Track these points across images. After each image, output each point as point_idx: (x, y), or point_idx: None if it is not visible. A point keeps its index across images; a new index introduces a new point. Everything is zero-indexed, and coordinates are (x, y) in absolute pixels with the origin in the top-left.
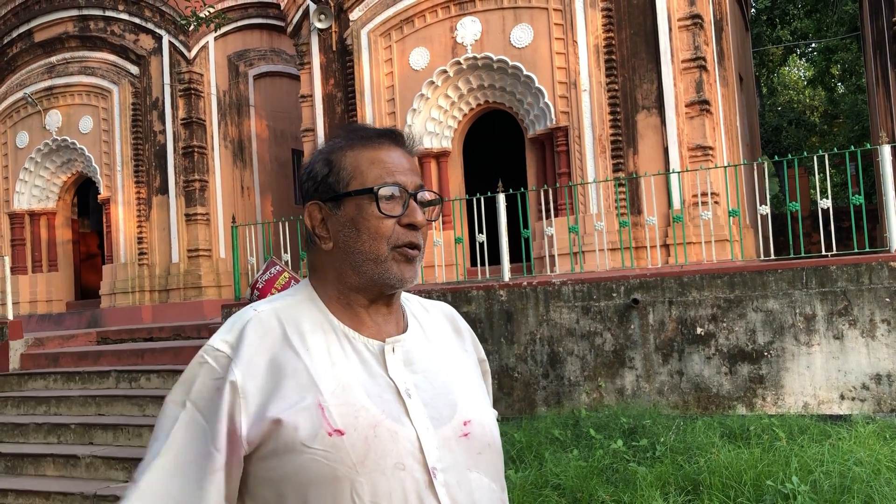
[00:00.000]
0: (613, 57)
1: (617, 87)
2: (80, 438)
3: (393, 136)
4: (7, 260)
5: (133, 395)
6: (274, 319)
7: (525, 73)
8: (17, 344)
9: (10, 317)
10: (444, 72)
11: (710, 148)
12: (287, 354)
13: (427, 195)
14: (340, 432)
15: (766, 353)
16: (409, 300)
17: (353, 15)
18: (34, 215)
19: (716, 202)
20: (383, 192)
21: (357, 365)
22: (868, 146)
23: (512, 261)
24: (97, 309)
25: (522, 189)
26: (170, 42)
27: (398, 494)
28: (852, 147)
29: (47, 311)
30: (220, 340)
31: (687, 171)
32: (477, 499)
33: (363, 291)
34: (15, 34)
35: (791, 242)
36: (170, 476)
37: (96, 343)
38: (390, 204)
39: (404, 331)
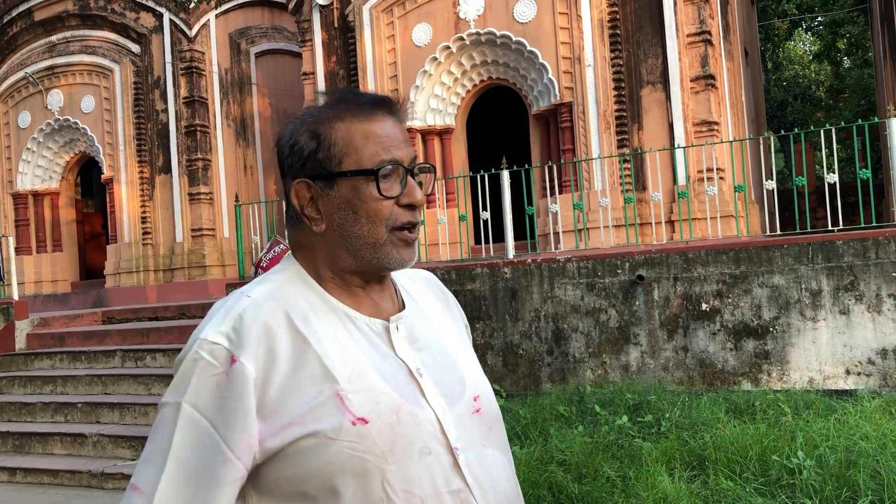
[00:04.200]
0: (618, 31)
1: (621, 62)
2: (87, 417)
3: (385, 105)
4: (11, 240)
5: (139, 374)
6: (272, 303)
7: (528, 48)
8: (23, 324)
9: (16, 297)
10: (447, 48)
11: (716, 123)
12: (294, 342)
13: (422, 169)
14: (364, 420)
15: (771, 329)
16: (394, 273)
17: None
18: (38, 195)
19: (721, 178)
20: (383, 172)
21: (366, 346)
22: (875, 120)
23: (516, 238)
24: (102, 289)
25: (526, 166)
26: (170, 20)
27: (427, 479)
28: (859, 121)
29: (52, 291)
30: (214, 332)
31: (692, 146)
32: (494, 474)
33: (358, 274)
34: (14, 13)
35: (797, 218)
36: (181, 487)
37: (101, 323)
38: (388, 183)
39: (401, 307)
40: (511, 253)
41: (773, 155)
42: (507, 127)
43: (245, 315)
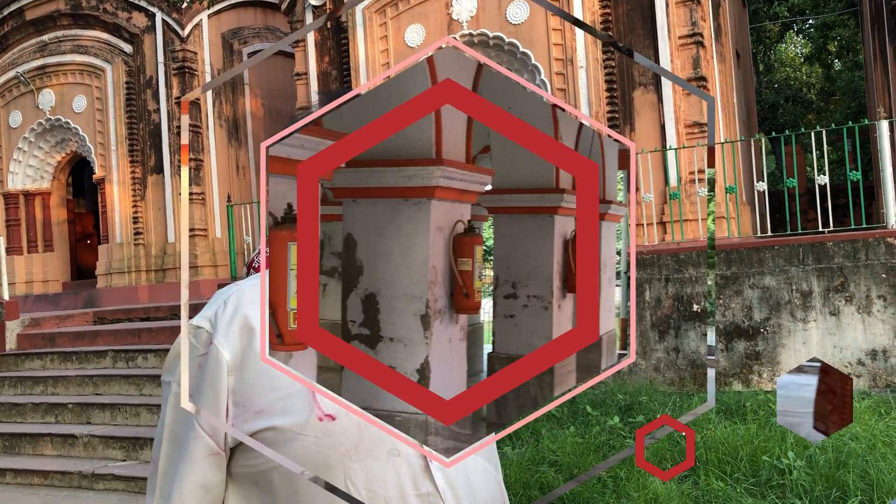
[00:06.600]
0: (610, 33)
1: (614, 64)
2: (78, 418)
3: None
4: (2, 240)
5: (130, 374)
6: (258, 292)
7: (521, 49)
8: (14, 324)
9: (6, 297)
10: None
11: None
12: None
13: None
14: (332, 417)
15: (762, 330)
16: None
17: None
18: (29, 195)
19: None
20: None
21: None
22: (866, 122)
23: None
24: (93, 289)
25: None
26: (163, 20)
27: (393, 481)
28: (850, 123)
29: (43, 291)
30: (200, 317)
31: (683, 147)
32: (473, 480)
33: None
34: (6, 12)
35: (788, 219)
36: (171, 459)
37: (93, 323)
38: None
39: None
40: None
41: (764, 156)
42: None
43: (229, 301)
